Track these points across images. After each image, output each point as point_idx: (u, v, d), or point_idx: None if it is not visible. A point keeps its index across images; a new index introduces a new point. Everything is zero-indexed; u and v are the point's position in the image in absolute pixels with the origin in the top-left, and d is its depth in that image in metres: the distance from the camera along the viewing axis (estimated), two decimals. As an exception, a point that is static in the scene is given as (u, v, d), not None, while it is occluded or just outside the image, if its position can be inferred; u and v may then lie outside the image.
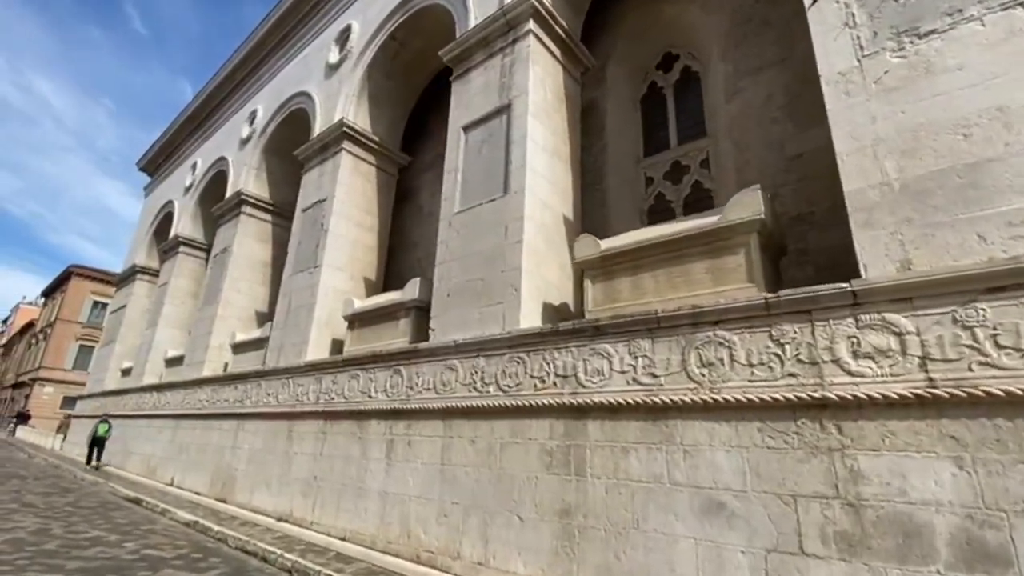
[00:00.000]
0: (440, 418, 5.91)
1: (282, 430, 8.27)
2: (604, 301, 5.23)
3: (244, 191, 12.78)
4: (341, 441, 7.11)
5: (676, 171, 7.65)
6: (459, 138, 7.35)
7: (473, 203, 6.70)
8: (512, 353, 5.44)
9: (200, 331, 12.30)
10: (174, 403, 12.05)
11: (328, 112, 10.76)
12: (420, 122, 11.76)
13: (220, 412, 10.05)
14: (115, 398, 15.83)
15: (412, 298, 7.37)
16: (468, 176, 6.98)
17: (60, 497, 9.18)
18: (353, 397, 7.20)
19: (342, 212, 9.54)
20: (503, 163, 6.53)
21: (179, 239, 15.78)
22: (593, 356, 4.78)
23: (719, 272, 4.56)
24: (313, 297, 8.98)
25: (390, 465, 6.26)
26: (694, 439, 4.01)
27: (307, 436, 7.72)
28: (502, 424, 5.30)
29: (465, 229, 6.66)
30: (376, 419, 6.71)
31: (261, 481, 8.27)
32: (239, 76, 15.90)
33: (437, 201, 10.80)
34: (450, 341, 6.07)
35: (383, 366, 6.92)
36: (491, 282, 6.05)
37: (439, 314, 6.53)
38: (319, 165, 10.34)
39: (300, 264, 9.65)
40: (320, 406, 7.67)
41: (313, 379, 8.06)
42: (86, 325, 39.14)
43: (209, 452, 9.95)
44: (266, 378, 9.12)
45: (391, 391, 6.65)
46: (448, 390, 5.92)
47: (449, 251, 6.75)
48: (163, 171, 20.66)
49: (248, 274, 12.59)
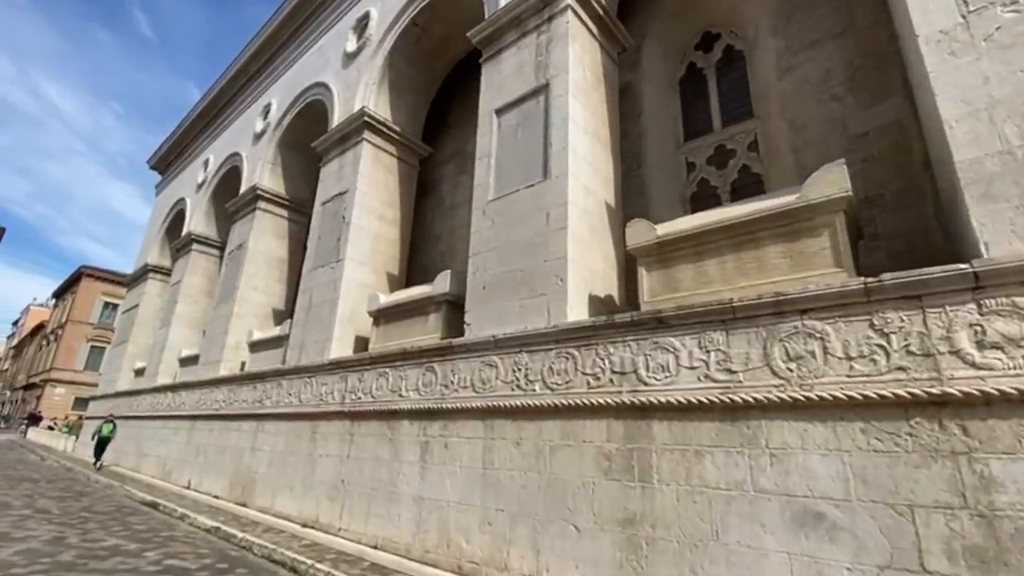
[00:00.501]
0: (480, 418, 5.52)
1: (305, 431, 7.91)
2: (662, 291, 4.81)
3: (260, 186, 12.45)
4: (370, 443, 6.73)
5: (720, 155, 7.21)
6: (491, 122, 6.95)
7: (509, 189, 6.30)
8: (560, 348, 5.03)
9: (216, 330, 11.98)
10: (190, 404, 11.74)
11: (347, 102, 10.40)
12: (439, 113, 11.39)
13: (238, 413, 9.72)
14: (128, 399, 15.58)
15: (443, 292, 6.98)
16: (503, 161, 6.58)
17: (74, 501, 8.87)
18: (382, 396, 6.82)
19: (364, 204, 9.17)
20: (542, 146, 6.13)
21: (192, 236, 15.49)
22: (656, 351, 4.36)
23: (799, 257, 4.13)
24: (335, 292, 8.61)
25: (425, 468, 5.87)
26: (782, 441, 3.59)
27: (332, 437, 7.35)
28: (551, 425, 4.89)
29: (501, 217, 6.26)
30: (408, 419, 6.33)
31: (283, 484, 7.91)
32: (251, 70, 15.59)
33: (459, 193, 10.48)
34: (488, 336, 5.67)
35: (414, 363, 6.53)
36: (532, 272, 5.65)
37: (474, 308, 6.14)
38: (339, 157, 9.98)
39: (321, 259, 9.29)
40: (346, 406, 7.30)
41: (338, 378, 7.69)
42: (97, 326, 39.13)
43: (227, 454, 9.62)
44: (287, 377, 8.76)
45: (424, 390, 6.27)
46: (488, 388, 5.52)
47: (483, 241, 6.36)
48: (174, 169, 20.42)
49: (264, 271, 12.25)
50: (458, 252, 9.82)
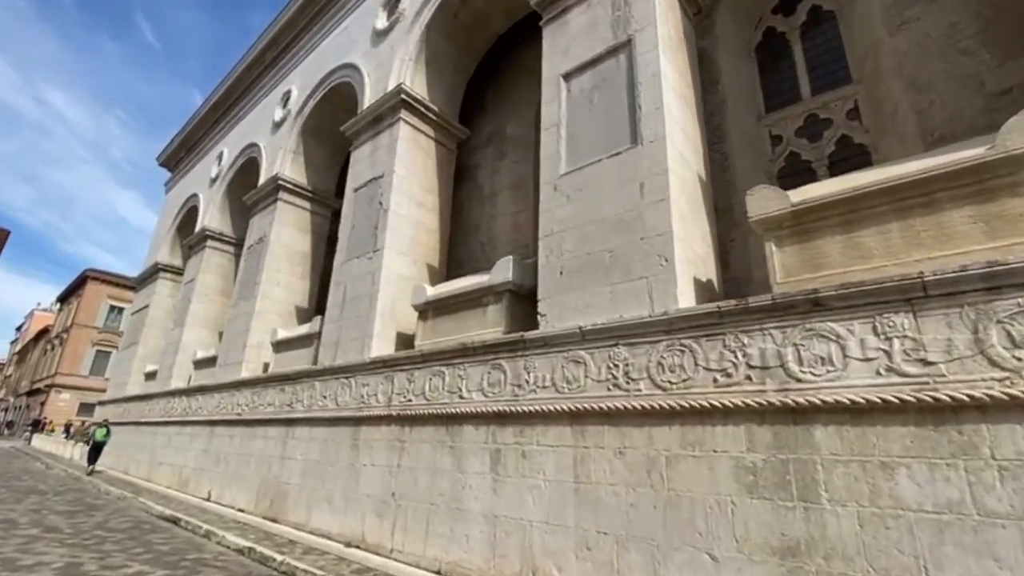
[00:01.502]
0: (567, 423, 4.71)
1: (344, 438, 7.11)
2: (801, 269, 4.01)
3: (281, 175, 11.70)
4: (425, 451, 5.93)
5: (813, 126, 6.43)
6: (558, 88, 6.18)
7: (587, 160, 5.51)
8: (671, 340, 4.23)
9: (235, 329, 11.20)
10: (208, 408, 10.95)
11: (379, 81, 9.65)
12: (474, 96, 10.62)
13: (264, 418, 8.92)
14: (139, 404, 14.80)
15: (504, 280, 6.19)
16: (576, 130, 5.80)
17: (87, 516, 8.08)
18: (438, 398, 6.02)
19: (402, 189, 8.40)
20: (627, 109, 5.35)
21: (206, 232, 14.75)
22: (811, 339, 3.56)
23: (997, 221, 3.32)
24: (374, 285, 7.83)
25: (498, 481, 5.06)
26: (1015, 451, 2.78)
27: (378, 444, 6.55)
28: (664, 431, 4.09)
29: (579, 192, 5.48)
30: (472, 424, 5.53)
31: (320, 497, 7.11)
32: (267, 58, 14.89)
33: (499, 179, 9.71)
34: (572, 328, 4.87)
35: (477, 360, 5.74)
36: (625, 253, 4.85)
37: (550, 296, 5.34)
38: (372, 139, 9.21)
39: (355, 249, 8.51)
40: (394, 409, 6.51)
41: (382, 378, 6.89)
42: (103, 330, 38.44)
43: (252, 463, 8.82)
44: (320, 378, 7.97)
45: (490, 391, 5.47)
46: (576, 388, 4.72)
47: (557, 220, 5.56)
48: (185, 165, 19.72)
49: (287, 266, 11.49)
50: (501, 243, 9.05)
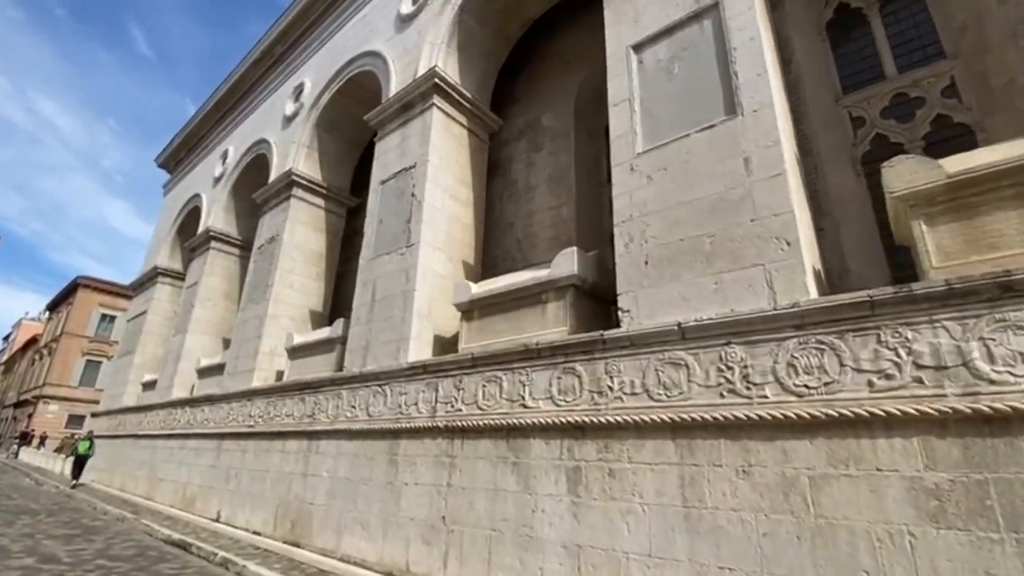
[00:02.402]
0: (667, 436, 4.03)
1: (379, 452, 6.37)
2: (966, 250, 3.37)
3: (295, 171, 11.00)
4: (482, 468, 5.20)
5: (901, 106, 5.85)
6: (626, 60, 5.57)
7: (671, 136, 4.88)
8: (804, 336, 3.58)
9: (245, 334, 10.42)
10: (216, 420, 10.13)
11: (406, 68, 9.02)
12: (503, 86, 10.02)
13: (281, 430, 8.14)
14: (136, 415, 13.90)
15: (567, 274, 5.52)
16: (653, 105, 5.18)
17: (86, 542, 7.24)
18: (495, 408, 5.31)
19: (436, 180, 7.73)
20: (718, 78, 4.73)
21: (210, 233, 13.98)
22: (1004, 332, 2.91)
23: None
24: (409, 283, 7.13)
25: (579, 505, 4.35)
26: None
27: (422, 460, 5.81)
28: (803, 446, 3.41)
29: (662, 172, 4.84)
30: (541, 437, 4.82)
31: (352, 520, 6.34)
32: (276, 52, 14.25)
33: (535, 173, 9.06)
34: (668, 325, 4.21)
35: (542, 364, 5.05)
36: (731, 237, 4.20)
37: (633, 289, 4.67)
38: (400, 128, 8.56)
39: (385, 245, 7.81)
40: (439, 420, 5.78)
41: (423, 384, 6.18)
42: (94, 339, 37.26)
43: (268, 480, 8.02)
44: (348, 386, 7.23)
45: (562, 398, 4.77)
46: (677, 396, 4.04)
47: (637, 204, 4.91)
48: (185, 165, 18.96)
49: (301, 267, 10.75)
50: (539, 239, 8.39)
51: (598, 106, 9.01)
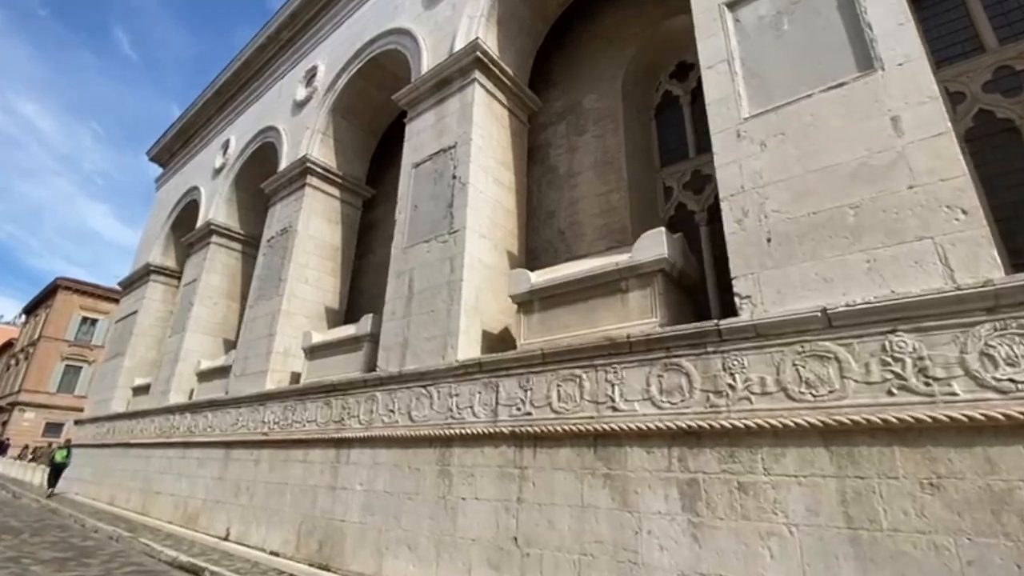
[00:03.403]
0: (817, 443, 3.37)
1: (427, 462, 5.62)
2: None
3: (310, 157, 10.22)
4: (562, 481, 4.49)
5: (1005, 79, 5.34)
6: (720, 20, 4.95)
7: (789, 97, 4.26)
8: (1000, 320, 2.96)
9: (256, 333, 9.57)
10: (222, 427, 9.25)
11: (440, 43, 8.34)
12: (538, 69, 9.39)
13: (303, 438, 7.33)
14: (127, 422, 12.88)
15: (655, 258, 4.85)
16: (760, 65, 4.56)
17: (81, 567, 6.33)
18: (575, 411, 4.61)
19: (480, 161, 7.05)
20: (844, 31, 4.14)
21: (212, 227, 13.07)
22: None
23: None
24: (454, 272, 6.41)
25: (700, 525, 3.66)
26: None
27: (482, 472, 5.08)
28: (1016, 453, 2.78)
29: (779, 138, 4.21)
30: (640, 445, 4.13)
31: (396, 540, 5.56)
32: (284, 37, 13.47)
33: (578, 158, 8.40)
34: (808, 311, 3.56)
35: (635, 360, 4.37)
36: (883, 207, 3.57)
37: (754, 272, 4.02)
38: (436, 107, 7.86)
39: (422, 232, 7.08)
40: (502, 425, 5.06)
41: (480, 385, 5.45)
42: (73, 343, 35.64)
43: (288, 494, 7.19)
44: (384, 388, 6.47)
45: (665, 400, 4.10)
46: (827, 394, 3.39)
47: (750, 175, 4.28)
48: (181, 157, 17.99)
49: (316, 260, 9.95)
50: (586, 228, 7.72)
51: (647, 87, 8.45)
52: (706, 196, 7.18)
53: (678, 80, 8.12)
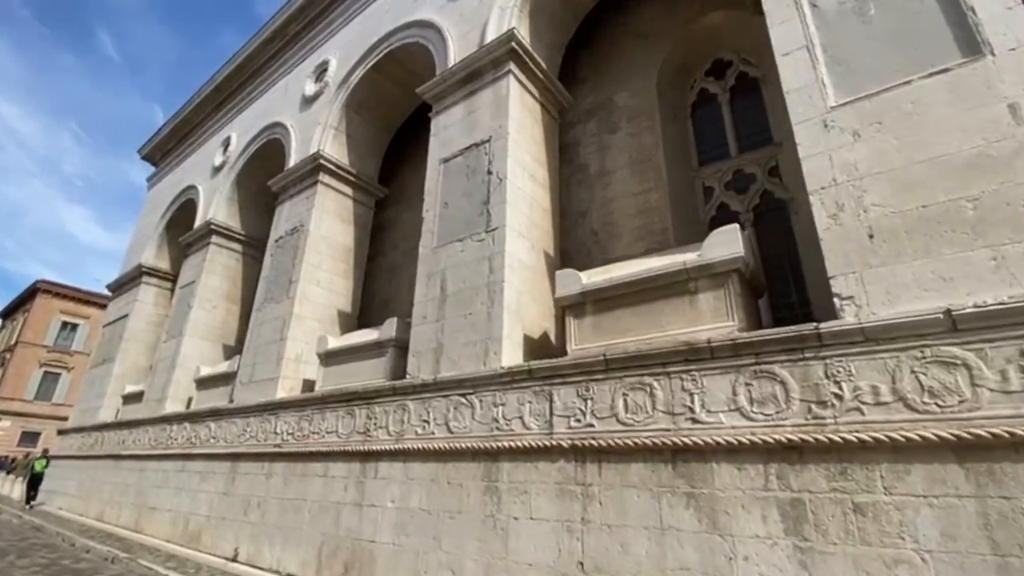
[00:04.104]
0: (950, 458, 3.03)
1: (470, 478, 5.17)
2: None
3: (323, 154, 9.76)
4: (635, 500, 4.09)
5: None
6: (794, 5, 4.65)
7: (885, 84, 3.95)
8: None
9: (264, 338, 9.02)
10: (227, 438, 8.66)
11: (468, 35, 7.99)
12: (564, 66, 9.09)
13: (323, 450, 6.82)
14: (117, 432, 12.16)
15: (728, 257, 4.51)
16: (842, 50, 4.27)
17: (80, 593, 5.74)
18: (647, 423, 4.23)
19: (516, 156, 6.68)
20: (941, 15, 3.87)
21: (212, 226, 12.48)
22: None
23: None
24: (494, 273, 6.00)
25: (810, 552, 3.29)
26: None
27: (537, 489, 4.65)
28: None
29: (875, 127, 3.89)
30: (730, 461, 3.76)
31: (437, 564, 5.09)
32: (292, 30, 13.02)
33: (611, 157, 8.07)
34: (929, 312, 3.24)
35: (718, 367, 4.01)
36: (1006, 200, 3.26)
37: (856, 270, 3.68)
38: (465, 100, 7.49)
39: (455, 231, 6.67)
40: (559, 438, 4.65)
41: (531, 393, 5.04)
42: (52, 349, 34.31)
43: (307, 512, 6.66)
44: (417, 396, 6.02)
45: (757, 411, 3.74)
46: (956, 405, 3.07)
47: (842, 167, 3.95)
48: (175, 156, 17.34)
49: (328, 262, 9.46)
50: (622, 230, 7.39)
51: (681, 84, 8.18)
52: (750, 196, 6.91)
53: (715, 78, 7.87)
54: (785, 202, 6.58)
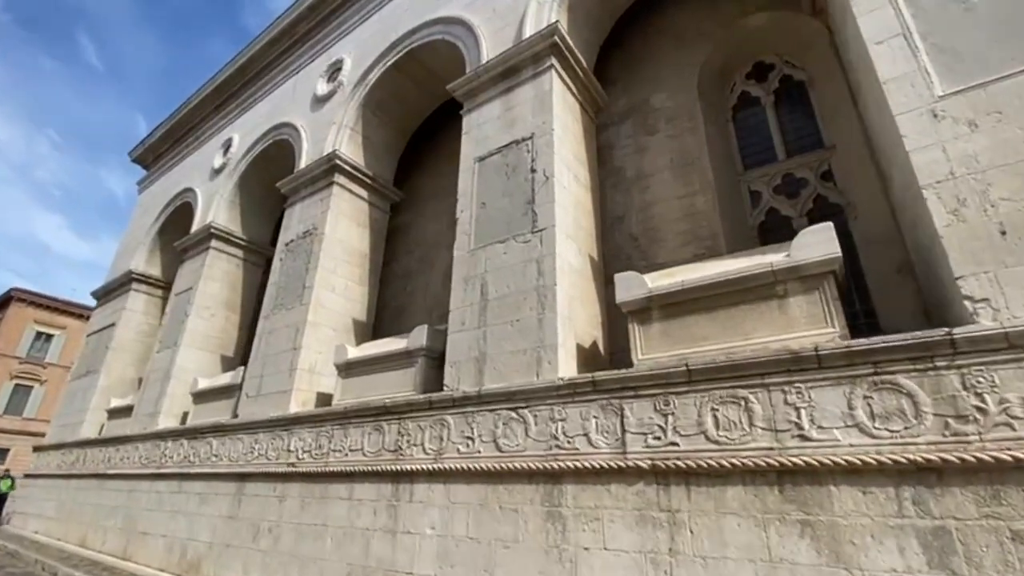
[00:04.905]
0: None
1: (526, 502, 4.66)
2: None
3: (339, 153, 9.27)
4: (734, 529, 3.64)
5: None
6: (883, -6, 4.40)
7: (1002, 72, 3.67)
8: None
9: (275, 347, 8.41)
10: (231, 456, 7.98)
11: (502, 31, 7.66)
12: (596, 65, 8.82)
13: (346, 470, 6.23)
14: (102, 449, 11.30)
15: (820, 258, 4.14)
16: (945, 38, 3.99)
17: (73, 637, 5.03)
18: (744, 441, 3.79)
19: (562, 154, 6.30)
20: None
21: (212, 230, 11.83)
22: None
23: None
24: (543, 277, 5.56)
25: (965, 589, 2.87)
26: None
27: (612, 515, 4.17)
28: None
29: (997, 116, 3.57)
30: (852, 484, 3.34)
31: (491, 600, 4.55)
32: (301, 30, 12.59)
33: (648, 159, 7.72)
34: (1081, 316, 2.89)
35: (828, 378, 3.61)
36: None
37: (988, 269, 3.32)
38: (502, 96, 7.11)
39: (495, 232, 6.23)
40: (637, 457, 4.18)
41: (597, 408, 4.57)
42: (25, 360, 32.67)
43: (329, 539, 6.04)
44: (458, 410, 5.50)
45: (883, 427, 3.34)
46: None
47: (960, 159, 3.63)
48: (168, 159, 16.66)
49: (343, 267, 8.92)
50: (665, 234, 7.04)
51: (720, 87, 7.94)
52: (803, 201, 6.62)
53: (756, 80, 7.64)
54: (842, 207, 6.30)
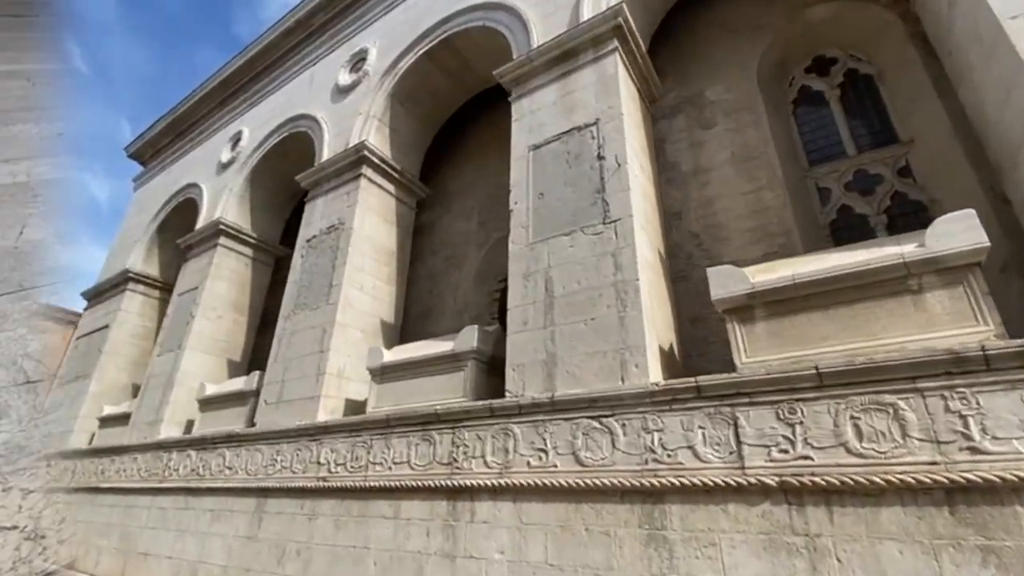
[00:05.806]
0: None
1: (619, 524, 4.10)
2: None
3: (368, 144, 8.71)
4: (893, 557, 3.12)
5: None
6: (1018, -37, 4.03)
7: None
8: None
9: (299, 349, 7.74)
10: (249, 468, 7.26)
11: (553, 15, 7.22)
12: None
13: (389, 485, 5.60)
14: (94, 461, 10.43)
15: (963, 248, 3.66)
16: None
17: None
18: (895, 454, 3.30)
19: (631, 142, 5.84)
20: None
21: (221, 226, 11.12)
22: None
23: None
24: (621, 272, 5.05)
25: None
26: None
27: (732, 540, 3.63)
28: None
29: None
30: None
31: (581, 638, 3.95)
32: (317, 21, 12.06)
33: (706, 153, 7.24)
34: None
35: (999, 381, 3.16)
36: None
37: None
38: (559, 80, 6.64)
39: (558, 224, 5.72)
40: (758, 473, 3.66)
41: (701, 417, 4.04)
42: (0, 366, 31.04)
43: (373, 562, 5.38)
44: (526, 419, 4.93)
45: (1077, 437, 2.85)
46: None
47: None
48: (168, 154, 15.90)
49: (372, 265, 8.32)
50: (730, 232, 6.61)
51: (778, 81, 7.58)
52: (879, 198, 6.25)
53: (817, 74, 7.31)
54: (924, 204, 5.92)
